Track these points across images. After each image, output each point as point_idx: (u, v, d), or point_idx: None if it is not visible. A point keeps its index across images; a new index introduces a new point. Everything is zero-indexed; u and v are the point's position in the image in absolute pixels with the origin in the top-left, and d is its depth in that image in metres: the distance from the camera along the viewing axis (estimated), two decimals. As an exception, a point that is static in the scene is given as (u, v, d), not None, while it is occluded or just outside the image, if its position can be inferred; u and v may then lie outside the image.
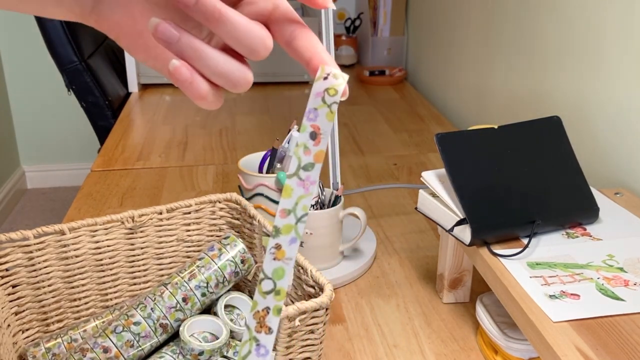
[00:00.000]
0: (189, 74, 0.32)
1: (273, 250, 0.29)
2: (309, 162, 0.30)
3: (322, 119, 0.30)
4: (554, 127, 0.76)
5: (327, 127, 0.30)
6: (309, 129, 0.30)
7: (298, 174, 0.30)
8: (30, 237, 0.65)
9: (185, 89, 0.34)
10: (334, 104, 0.30)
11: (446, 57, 1.63)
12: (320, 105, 0.30)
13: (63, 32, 1.61)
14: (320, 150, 0.30)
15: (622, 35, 0.90)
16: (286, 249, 0.30)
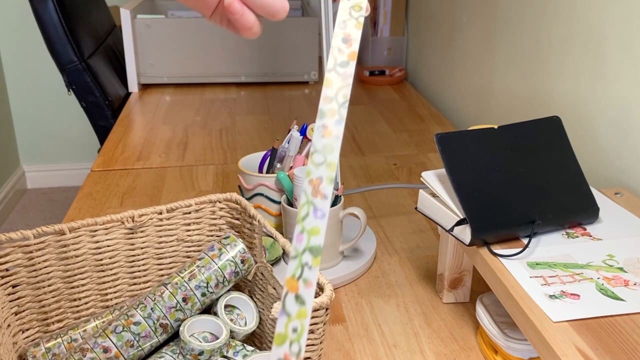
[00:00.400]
0: (240, 7, 0.40)
1: (321, 129, 0.33)
2: (344, 60, 0.35)
3: (351, 27, 0.36)
4: (554, 127, 0.76)
5: (356, 34, 0.35)
6: (340, 36, 0.35)
7: (335, 69, 0.35)
8: (30, 237, 0.65)
9: (237, 21, 0.40)
10: (360, 17, 0.36)
11: (446, 57, 1.63)
12: (348, 19, 0.36)
13: (63, 32, 1.61)
14: (353, 51, 0.35)
15: (622, 35, 0.90)
16: (332, 129, 0.33)
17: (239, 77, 1.81)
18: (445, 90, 1.65)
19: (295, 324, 0.29)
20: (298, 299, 0.29)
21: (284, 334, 0.28)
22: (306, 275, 0.30)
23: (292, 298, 0.29)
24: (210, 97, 1.72)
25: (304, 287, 0.30)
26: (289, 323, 0.29)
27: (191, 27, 1.73)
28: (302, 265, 0.30)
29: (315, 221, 0.31)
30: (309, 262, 0.30)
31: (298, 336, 0.28)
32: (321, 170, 0.32)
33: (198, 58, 1.77)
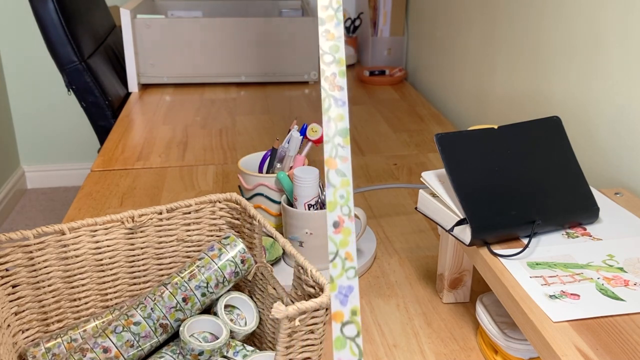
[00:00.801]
0: None
1: (325, 34, 0.36)
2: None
3: None
4: (553, 127, 0.76)
5: None
6: None
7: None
8: (30, 237, 0.65)
9: None
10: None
11: (446, 57, 1.63)
12: None
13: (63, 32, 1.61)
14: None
15: (622, 35, 0.90)
16: (334, 32, 0.36)
17: (239, 77, 1.81)
18: (445, 90, 1.65)
19: (341, 192, 0.34)
20: (338, 172, 0.35)
21: (333, 202, 0.34)
22: (340, 153, 0.35)
23: (334, 173, 0.35)
24: (210, 97, 1.73)
25: (341, 162, 0.35)
26: (336, 192, 0.34)
27: (191, 27, 1.73)
28: (335, 146, 0.35)
29: (337, 109, 0.36)
30: (340, 143, 0.35)
31: (345, 200, 0.34)
32: (333, 68, 0.36)
33: (198, 58, 1.77)
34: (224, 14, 2.07)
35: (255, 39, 1.76)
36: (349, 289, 0.33)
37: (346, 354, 0.32)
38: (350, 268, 0.33)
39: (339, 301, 0.33)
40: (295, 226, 0.84)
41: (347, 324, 0.32)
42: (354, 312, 0.33)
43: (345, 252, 0.33)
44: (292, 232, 0.85)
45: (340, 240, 0.33)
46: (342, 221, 0.34)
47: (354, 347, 0.32)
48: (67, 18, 1.61)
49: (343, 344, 0.32)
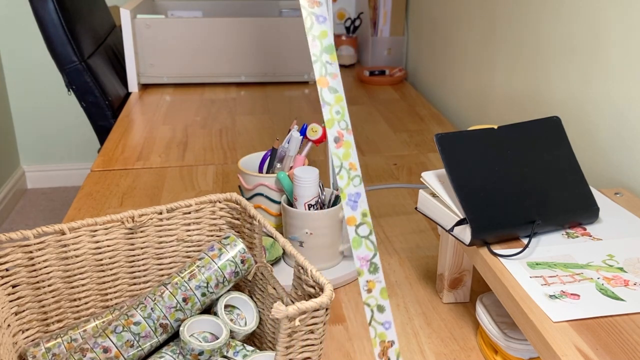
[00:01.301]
0: None
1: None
2: None
3: None
4: (553, 127, 0.76)
5: None
6: None
7: None
8: (30, 237, 0.65)
9: None
10: None
11: (446, 57, 1.63)
12: None
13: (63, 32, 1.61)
14: None
15: (622, 35, 0.90)
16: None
17: (239, 77, 1.81)
18: (445, 90, 1.65)
19: (336, 108, 0.36)
20: (331, 89, 0.36)
21: (331, 119, 0.36)
22: (329, 70, 0.36)
23: (327, 90, 0.36)
24: (210, 97, 1.73)
25: (332, 79, 0.36)
26: (332, 109, 0.36)
27: (191, 27, 1.73)
28: (324, 64, 0.36)
29: (320, 26, 0.36)
30: (328, 60, 0.37)
31: (341, 115, 0.36)
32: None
33: (198, 58, 1.77)
34: (224, 14, 2.07)
35: (255, 39, 1.76)
36: (357, 195, 0.36)
37: (363, 250, 0.36)
38: (355, 177, 0.36)
39: (350, 207, 0.36)
40: (295, 226, 0.84)
41: (360, 225, 0.36)
42: (364, 215, 0.36)
43: (349, 164, 0.36)
44: (292, 232, 0.85)
45: (343, 154, 0.36)
46: (341, 135, 0.36)
47: (369, 244, 0.36)
48: (67, 18, 1.61)
49: (359, 243, 0.36)
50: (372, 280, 0.36)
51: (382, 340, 0.37)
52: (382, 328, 0.37)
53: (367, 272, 0.36)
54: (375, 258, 0.36)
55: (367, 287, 0.36)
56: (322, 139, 0.94)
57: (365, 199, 0.36)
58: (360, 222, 0.36)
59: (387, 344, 0.37)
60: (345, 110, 0.36)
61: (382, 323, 0.37)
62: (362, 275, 0.36)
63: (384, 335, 0.37)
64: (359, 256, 0.36)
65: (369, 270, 0.36)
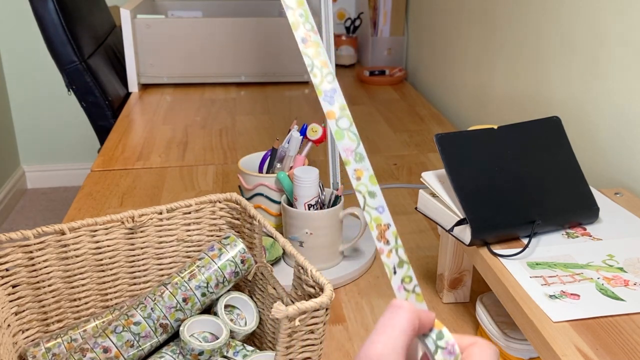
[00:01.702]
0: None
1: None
2: None
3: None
4: (553, 127, 0.76)
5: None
6: None
7: None
8: (30, 237, 0.65)
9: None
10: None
11: (446, 57, 1.63)
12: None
13: (63, 32, 1.61)
14: None
15: (622, 35, 0.90)
16: None
17: (239, 77, 1.81)
18: (445, 90, 1.65)
19: (299, 11, 0.38)
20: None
21: (295, 21, 0.37)
22: None
23: None
24: (210, 97, 1.73)
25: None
26: (295, 13, 0.37)
27: (191, 27, 1.73)
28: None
29: None
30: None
31: (305, 18, 0.37)
32: None
33: (198, 58, 1.77)
34: (224, 14, 2.07)
35: (255, 39, 1.76)
36: (332, 91, 0.37)
37: (347, 142, 0.37)
38: (328, 74, 0.37)
39: (327, 102, 0.37)
40: (295, 226, 0.84)
41: (340, 118, 0.37)
42: (342, 108, 0.37)
43: (320, 62, 0.37)
44: (292, 232, 0.85)
45: (313, 53, 0.37)
46: (308, 36, 0.37)
47: (351, 135, 0.37)
48: (67, 18, 1.61)
49: (341, 134, 0.37)
50: (359, 169, 0.37)
51: (378, 224, 0.37)
52: (376, 212, 0.37)
53: (353, 161, 0.37)
54: (359, 148, 0.37)
55: (356, 175, 0.37)
56: (322, 139, 0.94)
57: (341, 93, 0.37)
58: (339, 115, 0.37)
59: (383, 227, 0.38)
60: (309, 13, 0.37)
61: (375, 208, 0.37)
62: (349, 165, 0.37)
63: (379, 219, 0.38)
64: (344, 147, 0.37)
65: (355, 159, 0.37)
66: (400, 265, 0.38)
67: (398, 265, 0.38)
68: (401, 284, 0.38)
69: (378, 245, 0.38)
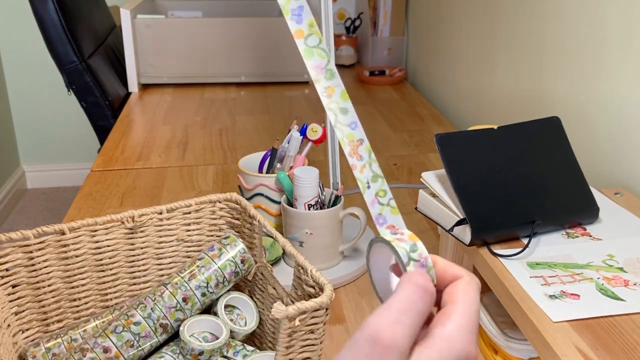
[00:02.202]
0: None
1: None
2: None
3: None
4: (553, 127, 0.76)
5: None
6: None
7: None
8: (30, 237, 0.65)
9: None
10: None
11: (446, 57, 1.63)
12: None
13: (63, 32, 1.61)
14: None
15: (622, 35, 0.90)
16: None
17: (239, 77, 1.81)
18: (445, 90, 1.65)
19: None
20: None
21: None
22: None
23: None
24: (210, 97, 1.72)
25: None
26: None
27: (191, 27, 1.73)
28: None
29: None
30: None
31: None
32: None
33: (198, 58, 1.77)
34: (224, 14, 2.07)
35: (255, 39, 1.76)
36: (300, 8, 0.36)
37: (316, 60, 0.36)
38: None
39: (295, 22, 0.36)
40: (295, 226, 0.84)
41: (309, 36, 0.36)
42: (310, 25, 0.36)
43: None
44: (292, 232, 0.85)
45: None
46: None
47: (321, 52, 0.36)
48: (67, 18, 1.61)
49: (311, 53, 0.36)
50: (330, 86, 0.36)
51: (351, 140, 0.37)
52: (349, 129, 0.37)
53: (324, 79, 0.36)
54: (330, 65, 0.36)
55: (327, 93, 0.36)
56: (322, 139, 0.94)
57: (310, 11, 0.36)
58: (308, 33, 0.36)
59: (356, 143, 0.37)
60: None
61: (347, 124, 0.37)
62: (319, 82, 0.36)
63: (352, 135, 0.37)
64: (313, 65, 0.36)
65: (325, 77, 0.36)
66: (374, 180, 0.38)
67: (372, 180, 0.38)
68: (375, 197, 0.37)
69: (351, 162, 0.37)
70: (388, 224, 0.37)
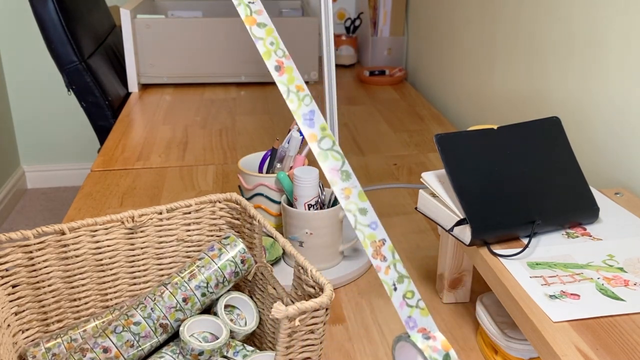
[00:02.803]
0: None
1: None
2: None
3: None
4: (553, 127, 0.76)
5: None
6: None
7: None
8: (30, 237, 0.65)
9: None
10: None
11: (446, 57, 1.63)
12: None
13: (63, 32, 1.61)
14: None
15: (622, 35, 0.90)
16: None
17: (239, 77, 1.81)
18: (445, 90, 1.65)
19: (269, 40, 0.36)
20: (260, 24, 0.37)
21: (267, 51, 0.37)
22: (254, 8, 0.37)
23: (256, 27, 0.36)
24: (210, 97, 1.73)
25: (258, 16, 0.37)
26: (265, 42, 0.37)
27: (191, 27, 1.73)
28: (246, 5, 0.37)
29: None
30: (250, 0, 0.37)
31: (276, 46, 0.37)
32: None
33: (198, 58, 1.77)
34: (224, 14, 2.07)
35: (255, 39, 1.76)
36: (311, 113, 0.37)
37: (331, 162, 0.36)
38: (305, 97, 0.37)
39: (307, 126, 0.36)
40: (295, 226, 0.84)
41: (322, 139, 0.36)
42: (323, 129, 0.37)
43: (296, 86, 0.37)
44: (292, 232, 0.85)
45: (287, 79, 0.37)
46: (281, 63, 0.37)
47: (335, 155, 0.37)
48: (67, 18, 1.61)
49: (325, 156, 0.36)
50: (347, 187, 0.36)
51: (373, 240, 0.36)
52: (370, 229, 0.36)
53: (340, 181, 0.36)
54: (345, 166, 0.36)
55: (344, 194, 0.36)
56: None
57: (320, 114, 0.37)
58: (321, 136, 0.36)
59: (378, 243, 0.36)
60: (279, 40, 0.37)
61: (367, 225, 0.36)
62: (336, 185, 0.36)
63: (373, 235, 0.36)
64: (328, 168, 0.36)
65: (341, 179, 0.36)
66: (400, 281, 0.36)
67: (398, 281, 0.36)
68: (403, 299, 0.36)
69: (374, 263, 0.36)
70: (419, 327, 0.36)
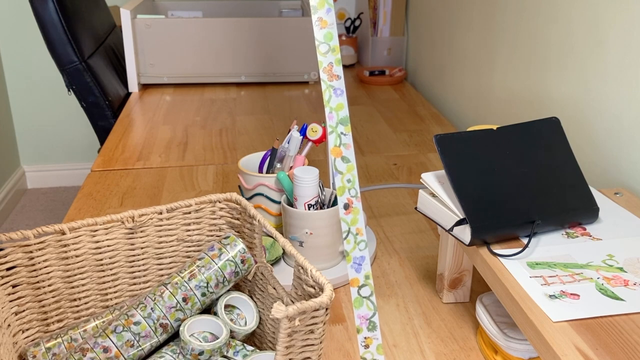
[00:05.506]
0: None
1: (318, 22, 0.39)
2: None
3: None
4: (553, 127, 0.76)
5: None
6: None
7: None
8: (30, 237, 0.65)
9: None
10: None
11: (446, 58, 1.63)
12: None
13: (63, 32, 1.61)
14: None
15: (622, 35, 0.90)
16: (327, 19, 0.39)
17: (239, 77, 1.81)
18: (445, 90, 1.65)
19: (347, 177, 0.39)
20: (344, 159, 0.39)
21: (342, 186, 0.39)
22: (344, 141, 0.39)
23: (340, 160, 0.39)
24: (210, 97, 1.73)
25: (345, 150, 0.39)
26: (344, 177, 0.39)
27: (191, 27, 1.73)
28: (339, 135, 0.39)
29: (337, 99, 0.39)
30: (343, 131, 0.40)
31: (352, 184, 0.39)
32: (329, 57, 0.39)
33: (198, 58, 1.77)
34: (224, 14, 2.07)
35: (255, 39, 1.76)
36: (362, 258, 0.39)
37: (364, 310, 0.39)
38: (361, 241, 0.39)
39: (354, 270, 0.39)
40: (295, 226, 0.85)
41: (363, 286, 0.39)
42: (367, 277, 0.39)
43: (356, 229, 0.39)
44: (292, 232, 0.85)
45: (351, 219, 0.39)
46: (351, 202, 0.39)
47: (370, 304, 0.39)
48: (67, 18, 1.61)
49: (360, 303, 0.39)
50: (369, 337, 0.38)
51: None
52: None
53: (365, 329, 0.38)
54: (375, 317, 0.38)
55: (365, 343, 0.38)
56: (322, 139, 0.94)
57: (369, 262, 0.38)
58: (363, 283, 0.38)
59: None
60: (356, 178, 0.39)
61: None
62: (360, 332, 0.38)
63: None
64: (360, 315, 0.38)
65: (367, 328, 0.38)
66: None
67: None
68: None
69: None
70: None
